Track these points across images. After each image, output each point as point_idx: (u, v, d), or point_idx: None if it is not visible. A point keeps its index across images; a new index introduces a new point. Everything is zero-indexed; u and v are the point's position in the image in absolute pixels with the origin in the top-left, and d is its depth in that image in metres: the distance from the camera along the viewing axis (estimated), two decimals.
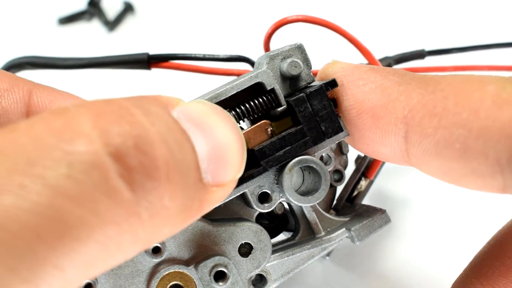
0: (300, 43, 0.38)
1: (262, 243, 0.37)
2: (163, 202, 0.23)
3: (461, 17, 0.78)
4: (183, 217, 0.25)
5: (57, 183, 0.20)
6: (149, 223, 0.23)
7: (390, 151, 0.34)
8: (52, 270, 0.20)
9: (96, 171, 0.21)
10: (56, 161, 0.21)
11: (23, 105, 0.39)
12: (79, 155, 0.21)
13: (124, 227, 0.22)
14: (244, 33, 0.77)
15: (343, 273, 0.52)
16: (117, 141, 0.22)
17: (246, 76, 0.36)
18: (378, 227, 0.40)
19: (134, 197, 0.22)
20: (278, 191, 0.37)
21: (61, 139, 0.21)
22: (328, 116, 0.36)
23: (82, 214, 0.21)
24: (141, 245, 0.24)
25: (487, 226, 0.38)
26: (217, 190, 0.27)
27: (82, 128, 0.22)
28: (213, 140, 0.27)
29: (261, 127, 0.36)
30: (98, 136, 0.22)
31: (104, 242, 0.22)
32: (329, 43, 0.56)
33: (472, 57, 0.60)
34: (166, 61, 0.52)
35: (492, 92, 0.29)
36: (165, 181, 0.24)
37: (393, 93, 0.33)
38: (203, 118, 0.27)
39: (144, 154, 0.23)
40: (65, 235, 0.20)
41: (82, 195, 0.21)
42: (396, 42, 0.70)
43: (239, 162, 0.28)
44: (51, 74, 0.57)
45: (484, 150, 0.28)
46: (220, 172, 0.27)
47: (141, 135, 0.23)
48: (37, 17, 0.83)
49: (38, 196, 0.20)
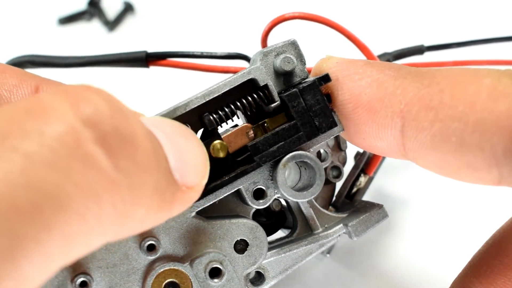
0: (293, 39, 0.38)
1: (258, 239, 0.37)
2: (140, 173, 0.23)
3: (459, 12, 0.77)
4: (157, 203, 0.25)
5: (30, 150, 0.20)
6: (128, 196, 0.23)
7: (387, 145, 0.34)
8: (32, 245, 0.20)
9: (70, 137, 0.21)
10: (29, 132, 0.20)
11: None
12: (51, 125, 0.21)
13: (103, 197, 0.22)
14: (242, 30, 0.77)
15: (344, 271, 0.52)
16: (89, 109, 0.22)
17: (239, 73, 0.36)
18: (375, 222, 0.40)
19: (112, 162, 0.22)
20: (273, 187, 0.37)
21: (32, 114, 0.21)
22: (322, 111, 0.36)
23: (59, 182, 0.20)
24: (118, 224, 0.23)
25: (486, 224, 0.38)
26: (187, 190, 0.27)
27: (53, 103, 0.22)
28: (176, 144, 0.27)
29: (242, 130, 0.36)
30: (69, 107, 0.22)
31: (83, 213, 0.21)
32: (327, 40, 0.56)
33: (471, 51, 0.60)
34: (164, 59, 0.52)
35: (488, 84, 0.29)
36: (141, 151, 0.24)
37: (389, 87, 0.33)
38: (165, 127, 0.28)
39: (119, 120, 0.23)
40: (42, 205, 0.20)
41: (58, 162, 0.20)
42: (395, 38, 0.70)
43: (203, 167, 0.29)
44: (51, 73, 0.58)
45: (480, 143, 0.28)
46: (186, 173, 0.27)
47: (114, 105, 0.23)
48: (37, 17, 0.83)
49: (11, 164, 0.19)
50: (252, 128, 0.36)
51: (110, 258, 0.35)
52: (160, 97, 0.66)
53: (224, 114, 0.36)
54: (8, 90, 0.38)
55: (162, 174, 0.25)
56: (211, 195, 0.35)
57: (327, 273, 0.52)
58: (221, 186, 0.35)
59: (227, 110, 0.36)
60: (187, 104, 0.35)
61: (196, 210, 0.36)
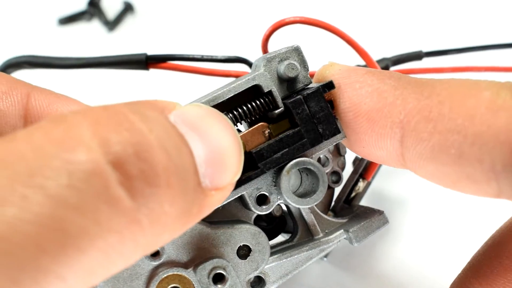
0: (297, 45, 0.38)
1: (260, 245, 0.37)
2: (163, 208, 0.24)
3: (458, 18, 0.78)
4: (183, 222, 0.25)
5: (58, 193, 0.20)
6: (149, 229, 0.23)
7: (386, 154, 0.34)
8: (54, 280, 0.20)
9: (97, 179, 0.21)
10: (57, 171, 0.21)
11: (21, 107, 0.39)
12: (79, 164, 0.21)
13: (125, 235, 0.22)
14: (242, 34, 0.77)
15: (342, 274, 0.52)
16: (117, 149, 0.22)
17: (244, 79, 0.36)
18: (376, 228, 0.40)
19: (135, 204, 0.22)
20: (276, 193, 0.37)
21: (61, 148, 0.21)
22: (326, 118, 0.36)
23: (84, 223, 0.21)
24: (141, 251, 0.24)
25: (485, 227, 0.38)
26: (216, 193, 0.27)
27: (82, 137, 0.22)
28: (210, 144, 0.27)
29: (258, 129, 0.36)
30: (98, 145, 0.22)
31: (106, 250, 0.22)
32: (327, 44, 0.56)
33: (469, 58, 0.60)
34: (164, 61, 0.52)
35: (487, 98, 0.29)
36: (165, 188, 0.24)
37: (389, 97, 0.33)
38: (199, 122, 0.27)
39: (144, 161, 0.23)
40: (66, 244, 0.20)
41: (83, 204, 0.21)
42: (393, 43, 0.70)
43: (237, 165, 0.28)
44: (49, 74, 0.57)
45: (479, 156, 0.28)
46: (218, 176, 0.27)
47: (140, 142, 0.23)
48: (37, 17, 0.83)
49: (40, 207, 0.20)
50: (268, 126, 0.36)
51: None
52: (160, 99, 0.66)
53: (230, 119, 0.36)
54: None
55: (188, 196, 0.25)
56: None
57: (325, 276, 0.52)
58: None
59: (231, 116, 0.36)
60: None
61: None
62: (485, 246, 0.35)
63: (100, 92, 0.70)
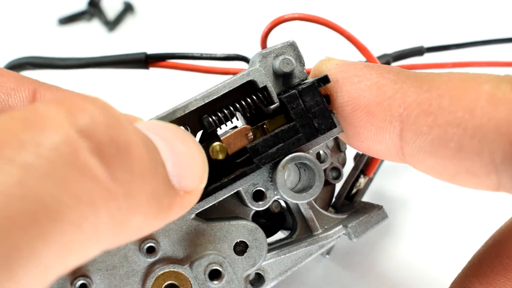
0: (292, 40, 0.38)
1: (257, 241, 0.37)
2: (136, 182, 0.23)
3: (459, 13, 0.77)
4: (155, 210, 0.25)
5: (25, 161, 0.20)
6: (123, 202, 0.23)
7: (385, 148, 0.34)
8: (29, 255, 0.20)
9: (66, 147, 0.21)
10: (24, 143, 0.20)
11: (28, 103, 0.39)
12: (48, 135, 0.21)
13: (99, 207, 0.22)
14: (241, 32, 0.77)
15: (343, 272, 0.52)
16: (85, 119, 0.22)
17: (239, 75, 0.36)
18: (375, 223, 0.39)
19: (108, 172, 0.22)
20: (272, 188, 0.37)
21: (28, 125, 0.21)
22: (321, 113, 0.36)
23: (56, 193, 0.20)
24: (115, 232, 0.23)
25: (486, 225, 0.38)
26: (185, 195, 0.27)
27: (47, 113, 0.22)
28: (173, 149, 0.27)
29: (241, 132, 0.36)
30: (64, 117, 0.22)
31: (80, 223, 0.21)
32: (327, 41, 0.56)
33: (471, 53, 0.60)
34: (163, 60, 0.52)
35: (487, 91, 0.29)
36: (137, 159, 0.24)
37: (389, 90, 0.33)
38: (162, 131, 0.28)
39: (114, 129, 0.23)
40: (39, 215, 0.20)
41: (54, 172, 0.20)
42: (394, 39, 0.70)
43: (201, 170, 0.29)
44: (51, 74, 0.58)
45: (479, 149, 0.28)
46: (184, 178, 0.27)
47: (109, 114, 0.23)
48: (37, 17, 0.84)
49: (7, 176, 0.19)
50: (251, 129, 0.36)
51: (109, 261, 0.35)
52: (160, 98, 0.66)
53: (223, 116, 0.36)
54: (5, 93, 0.38)
55: (159, 181, 0.25)
56: (210, 197, 0.35)
57: (327, 274, 0.52)
58: (220, 188, 0.35)
59: (226, 112, 0.36)
60: (186, 106, 0.35)
61: (195, 212, 0.36)
62: (486, 246, 0.35)
63: (101, 92, 0.70)
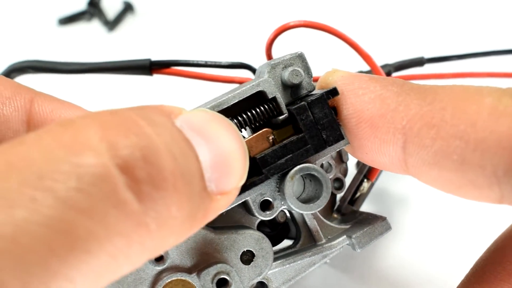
0: (301, 52, 0.38)
1: (264, 250, 0.38)
2: (170, 212, 0.24)
3: (460, 25, 0.78)
4: (189, 226, 0.26)
5: (67, 196, 0.21)
6: (156, 233, 0.23)
7: (388, 160, 0.34)
8: (63, 282, 0.20)
9: (105, 183, 0.22)
10: (66, 174, 0.21)
11: (24, 113, 0.39)
12: (88, 167, 0.22)
13: (132, 238, 0.22)
14: (246, 39, 0.77)
15: (342, 275, 0.52)
16: (125, 153, 0.23)
17: (248, 85, 0.36)
18: (378, 234, 0.40)
19: (142, 208, 0.23)
20: (279, 198, 0.37)
21: (69, 152, 0.22)
22: (329, 124, 0.36)
23: (92, 227, 0.21)
24: (148, 255, 0.24)
25: (486, 229, 0.39)
26: (221, 198, 0.28)
27: (90, 141, 0.22)
28: (216, 148, 0.27)
29: (262, 135, 0.36)
30: (106, 149, 0.22)
31: (113, 254, 0.22)
32: (331, 48, 0.56)
33: (471, 64, 0.61)
34: (168, 67, 0.52)
35: (489, 104, 0.29)
36: (172, 191, 0.24)
37: (392, 103, 0.33)
38: (205, 127, 0.28)
39: (151, 165, 0.23)
40: (75, 247, 0.21)
41: (92, 207, 0.21)
42: (395, 50, 0.71)
43: (242, 169, 0.29)
44: (53, 79, 0.58)
45: (481, 162, 0.29)
46: (223, 180, 0.27)
47: (148, 146, 0.24)
48: (37, 18, 0.83)
49: (49, 209, 0.20)
50: (272, 132, 0.37)
51: None
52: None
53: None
54: (1, 102, 0.38)
55: (194, 200, 0.25)
56: None
57: (326, 276, 0.52)
58: None
59: (235, 122, 0.36)
60: None
61: None
62: (488, 252, 0.35)
63: (104, 97, 0.70)
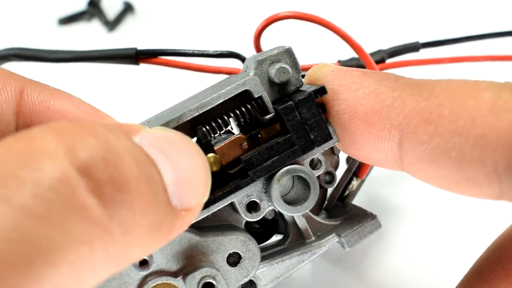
0: (288, 47, 0.37)
1: (250, 252, 0.37)
2: (135, 218, 0.23)
3: (455, 8, 0.76)
4: (155, 238, 0.25)
5: (23, 203, 0.20)
6: (121, 240, 0.22)
7: (383, 156, 0.34)
8: None
9: (64, 187, 0.21)
10: (22, 181, 0.20)
11: (14, 104, 0.37)
12: (45, 172, 0.20)
13: (96, 246, 0.21)
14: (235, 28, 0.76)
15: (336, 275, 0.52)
16: (84, 155, 0.22)
17: (233, 84, 0.35)
18: (368, 233, 0.39)
19: (106, 212, 0.22)
20: (266, 199, 0.37)
21: (25, 159, 0.21)
22: (317, 124, 0.35)
23: (52, 235, 0.20)
24: (113, 265, 0.23)
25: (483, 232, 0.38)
26: (185, 214, 0.27)
27: (46, 147, 0.21)
28: (176, 166, 0.26)
29: (235, 142, 0.36)
30: (63, 152, 0.21)
31: (77, 264, 0.21)
32: (321, 39, 0.55)
33: (467, 47, 0.59)
34: (154, 57, 0.51)
35: (489, 99, 0.28)
36: (136, 195, 0.23)
37: (387, 98, 0.32)
38: (165, 144, 0.27)
39: (113, 167, 0.22)
40: (35, 259, 0.19)
41: (51, 213, 0.20)
42: (389, 35, 0.69)
43: (204, 186, 0.28)
44: (38, 67, 0.56)
45: (481, 158, 0.28)
46: (186, 197, 0.27)
47: (109, 149, 0.23)
48: (37, 18, 0.83)
49: (5, 219, 0.19)
50: (245, 139, 0.36)
51: None
52: (150, 95, 0.66)
53: (217, 125, 0.35)
54: None
55: (159, 210, 0.25)
56: (204, 210, 0.35)
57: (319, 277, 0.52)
58: (214, 201, 0.34)
59: (220, 122, 0.35)
60: (180, 117, 0.34)
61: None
62: (488, 251, 0.35)
63: (90, 87, 0.69)
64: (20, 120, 0.37)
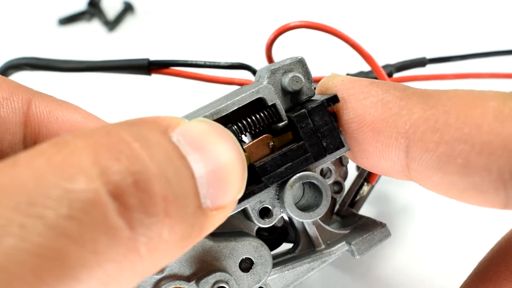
0: (301, 57, 0.38)
1: (262, 258, 0.37)
2: (162, 237, 0.23)
3: (462, 25, 0.78)
4: (182, 246, 0.25)
5: (57, 223, 0.20)
6: (148, 257, 0.23)
7: (390, 165, 0.34)
8: None
9: (96, 210, 0.21)
10: (57, 200, 0.21)
11: (21, 114, 0.38)
12: (79, 193, 0.21)
13: (123, 264, 0.22)
14: (245, 40, 0.77)
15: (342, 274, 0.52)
16: (117, 179, 0.22)
17: (248, 91, 0.36)
18: (378, 241, 0.40)
19: (133, 234, 0.22)
20: (279, 206, 0.37)
21: (61, 177, 0.21)
22: (330, 132, 0.36)
23: (82, 254, 0.21)
24: (139, 278, 0.24)
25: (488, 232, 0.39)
26: (217, 213, 0.27)
27: (82, 165, 0.22)
28: (213, 163, 0.26)
29: (263, 141, 0.36)
30: (98, 174, 0.22)
31: (104, 280, 0.22)
32: (332, 49, 0.56)
33: (473, 64, 0.60)
34: (166, 67, 0.52)
35: (494, 107, 0.29)
36: (163, 217, 0.23)
37: (394, 107, 0.33)
38: (203, 139, 0.27)
39: (143, 191, 0.23)
40: (65, 275, 0.20)
41: (82, 234, 0.21)
42: (397, 50, 0.70)
43: (240, 182, 0.28)
44: (50, 76, 0.57)
45: (487, 165, 0.28)
46: (220, 195, 0.27)
47: (140, 171, 0.23)
48: (37, 18, 0.83)
49: (38, 237, 0.20)
50: (272, 138, 0.36)
51: None
52: (161, 105, 0.66)
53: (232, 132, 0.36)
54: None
55: (188, 220, 0.25)
56: None
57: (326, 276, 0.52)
58: None
59: (234, 129, 0.36)
60: None
61: None
62: (491, 252, 0.36)
63: (102, 96, 0.70)
64: (28, 130, 0.38)
